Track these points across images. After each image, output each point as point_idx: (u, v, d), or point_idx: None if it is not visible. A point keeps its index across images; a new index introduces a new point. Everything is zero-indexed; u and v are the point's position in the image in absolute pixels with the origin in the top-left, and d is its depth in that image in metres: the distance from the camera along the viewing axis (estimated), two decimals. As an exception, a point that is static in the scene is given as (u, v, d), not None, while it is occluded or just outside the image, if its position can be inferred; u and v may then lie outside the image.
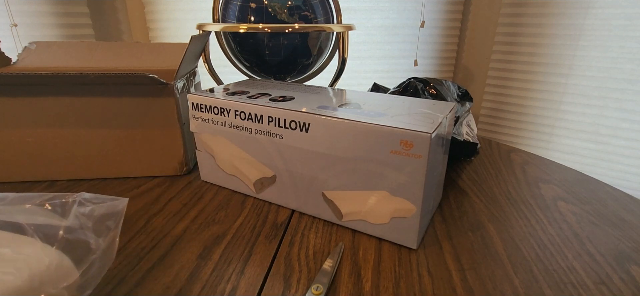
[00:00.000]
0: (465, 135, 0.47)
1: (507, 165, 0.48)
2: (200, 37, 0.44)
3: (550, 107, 1.03)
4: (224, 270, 0.28)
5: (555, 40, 0.98)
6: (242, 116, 0.35)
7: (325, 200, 0.34)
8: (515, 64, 1.06)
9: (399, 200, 0.29)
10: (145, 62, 0.43)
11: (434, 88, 0.46)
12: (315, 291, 0.25)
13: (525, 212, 0.37)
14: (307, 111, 0.32)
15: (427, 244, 0.31)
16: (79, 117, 0.40)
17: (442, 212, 0.37)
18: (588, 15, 0.92)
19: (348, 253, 0.30)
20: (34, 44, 0.45)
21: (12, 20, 0.78)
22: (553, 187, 0.42)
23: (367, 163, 0.30)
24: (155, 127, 0.41)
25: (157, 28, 1.01)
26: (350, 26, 0.54)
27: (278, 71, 0.56)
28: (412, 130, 0.27)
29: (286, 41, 0.52)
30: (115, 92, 0.40)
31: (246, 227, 0.34)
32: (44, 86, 0.39)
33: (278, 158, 0.35)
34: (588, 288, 0.26)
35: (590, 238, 0.32)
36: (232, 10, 0.52)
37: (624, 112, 0.93)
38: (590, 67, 0.95)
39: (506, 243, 0.32)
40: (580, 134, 1.00)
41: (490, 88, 1.13)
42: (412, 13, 1.07)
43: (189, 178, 0.43)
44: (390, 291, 0.26)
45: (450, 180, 0.44)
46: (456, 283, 0.27)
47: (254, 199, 0.39)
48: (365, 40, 1.08)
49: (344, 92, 0.40)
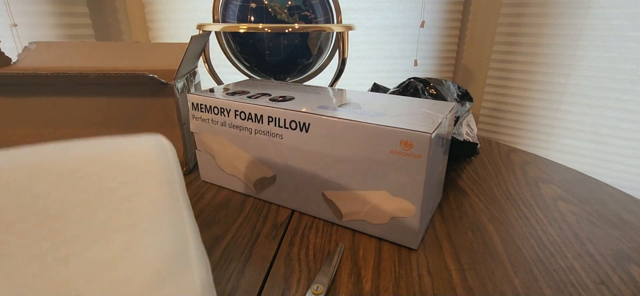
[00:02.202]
0: (465, 135, 0.47)
1: (507, 165, 0.48)
2: (200, 37, 0.44)
3: (550, 107, 1.03)
4: (224, 270, 0.28)
5: (555, 40, 0.98)
6: (242, 116, 0.35)
7: (325, 200, 0.34)
8: (515, 64, 1.06)
9: (399, 200, 0.29)
10: (145, 62, 0.43)
11: (434, 88, 0.46)
12: (315, 291, 0.25)
13: (525, 212, 0.37)
14: (307, 111, 0.32)
15: (427, 244, 0.31)
16: (79, 117, 0.40)
17: (442, 212, 0.37)
18: (588, 15, 0.92)
19: (348, 253, 0.30)
20: (34, 44, 0.45)
21: (12, 20, 0.78)
22: (553, 187, 0.42)
23: (367, 163, 0.30)
24: (155, 127, 0.41)
25: (157, 28, 1.01)
26: (350, 26, 0.54)
27: (278, 71, 0.56)
28: (412, 130, 0.27)
29: (286, 41, 0.52)
30: (115, 92, 0.40)
31: (246, 227, 0.34)
32: (44, 86, 0.39)
33: (278, 158, 0.35)
34: (588, 288, 0.26)
35: (590, 238, 0.32)
36: (232, 10, 0.52)
37: (624, 112, 0.93)
38: (590, 67, 0.95)
39: (506, 243, 0.32)
40: (580, 134, 1.00)
41: (490, 88, 1.13)
42: (412, 13, 1.07)
43: (189, 178, 0.43)
44: (390, 291, 0.26)
45: (450, 180, 0.44)
46: (456, 283, 0.27)
47: (254, 199, 0.39)
48: (365, 40, 1.08)
49: (344, 92, 0.40)
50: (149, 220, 0.16)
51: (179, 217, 0.17)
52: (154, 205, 0.17)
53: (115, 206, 0.17)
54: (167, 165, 0.20)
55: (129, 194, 0.17)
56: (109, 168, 0.19)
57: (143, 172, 0.19)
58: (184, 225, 0.17)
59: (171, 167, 0.20)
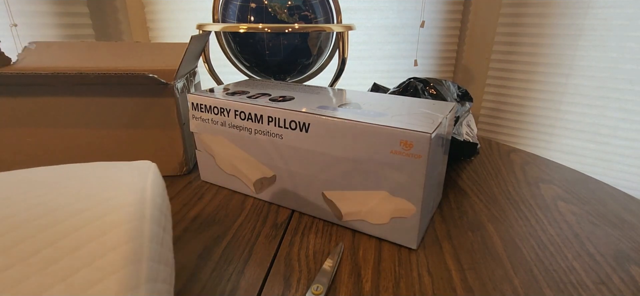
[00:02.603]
0: (465, 135, 0.47)
1: (507, 165, 0.48)
2: (200, 37, 0.44)
3: (550, 107, 1.03)
4: (224, 270, 0.28)
5: (555, 40, 0.98)
6: (242, 116, 0.35)
7: (325, 200, 0.34)
8: (515, 64, 1.06)
9: (399, 200, 0.29)
10: (145, 62, 0.43)
11: (434, 88, 0.46)
12: (315, 291, 0.25)
13: (525, 212, 0.37)
14: (307, 111, 0.32)
15: (427, 244, 0.31)
16: (79, 117, 0.40)
17: (442, 212, 0.37)
18: (588, 15, 0.92)
19: (348, 253, 0.30)
20: (34, 44, 0.45)
21: (12, 20, 0.78)
22: (553, 187, 0.42)
23: (367, 164, 0.30)
24: (155, 127, 0.41)
25: (157, 28, 1.01)
26: (350, 26, 0.54)
27: (278, 71, 0.56)
28: (412, 130, 0.27)
29: (286, 41, 0.52)
30: (115, 92, 0.40)
31: (246, 227, 0.34)
32: (44, 86, 0.39)
33: (278, 158, 0.35)
34: (588, 288, 0.26)
35: (590, 238, 0.32)
36: (232, 10, 0.52)
37: (624, 112, 0.93)
38: (590, 67, 0.95)
39: (506, 243, 0.32)
40: (580, 134, 1.00)
41: (490, 88, 1.13)
42: (412, 13, 1.07)
43: (189, 178, 0.43)
44: (390, 291, 0.26)
45: (450, 180, 0.44)
46: (456, 283, 0.27)
47: (254, 199, 0.39)
48: (365, 40, 1.08)
49: (344, 92, 0.40)
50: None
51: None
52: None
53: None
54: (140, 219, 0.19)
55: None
56: (78, 226, 0.18)
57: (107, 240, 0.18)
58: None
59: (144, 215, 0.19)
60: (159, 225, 0.20)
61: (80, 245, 0.16)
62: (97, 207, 0.19)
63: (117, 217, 0.18)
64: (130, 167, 0.24)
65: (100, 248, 0.16)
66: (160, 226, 0.20)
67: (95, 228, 0.17)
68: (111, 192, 0.20)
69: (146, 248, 0.18)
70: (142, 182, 0.22)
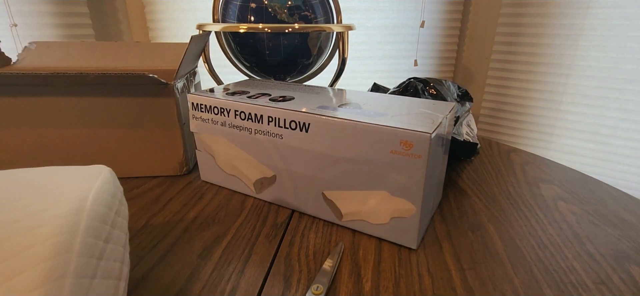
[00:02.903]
0: (465, 135, 0.47)
1: (507, 165, 0.48)
2: (200, 37, 0.44)
3: (550, 107, 1.03)
4: (224, 270, 0.28)
5: (555, 40, 0.98)
6: (242, 116, 0.35)
7: (325, 200, 0.34)
8: (515, 64, 1.06)
9: (399, 200, 0.29)
10: (145, 62, 0.43)
11: (434, 88, 0.46)
12: (315, 291, 0.25)
13: (525, 212, 0.37)
14: (307, 111, 0.32)
15: (427, 244, 0.31)
16: (79, 117, 0.40)
17: (442, 212, 0.37)
18: (588, 15, 0.92)
19: (348, 253, 0.30)
20: (34, 44, 0.45)
21: (12, 20, 0.78)
22: (553, 187, 0.42)
23: (367, 163, 0.30)
24: (155, 127, 0.41)
25: (157, 28, 1.01)
26: (350, 26, 0.54)
27: (278, 71, 0.56)
28: (412, 130, 0.27)
29: (286, 41, 0.52)
30: (115, 92, 0.40)
31: (246, 227, 0.34)
32: (44, 86, 0.39)
33: (278, 158, 0.35)
34: (588, 288, 0.26)
35: (590, 238, 0.32)
36: (232, 10, 0.52)
37: (624, 112, 0.93)
38: (590, 67, 0.95)
39: (506, 243, 0.32)
40: (580, 134, 1.00)
41: (490, 88, 1.13)
42: (412, 13, 1.07)
43: (189, 178, 0.43)
44: (390, 291, 0.26)
45: (450, 180, 0.44)
46: (456, 283, 0.27)
47: (254, 199, 0.39)
48: (365, 40, 1.08)
49: (344, 92, 0.40)
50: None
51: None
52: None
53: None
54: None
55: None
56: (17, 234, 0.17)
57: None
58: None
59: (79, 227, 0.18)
60: (98, 237, 0.19)
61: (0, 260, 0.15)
62: (31, 218, 0.18)
63: (47, 230, 0.17)
64: (80, 173, 0.23)
65: (18, 265, 0.15)
66: (100, 238, 0.19)
67: (24, 241, 0.16)
68: (49, 202, 0.19)
69: (73, 264, 0.16)
70: (86, 190, 0.21)
